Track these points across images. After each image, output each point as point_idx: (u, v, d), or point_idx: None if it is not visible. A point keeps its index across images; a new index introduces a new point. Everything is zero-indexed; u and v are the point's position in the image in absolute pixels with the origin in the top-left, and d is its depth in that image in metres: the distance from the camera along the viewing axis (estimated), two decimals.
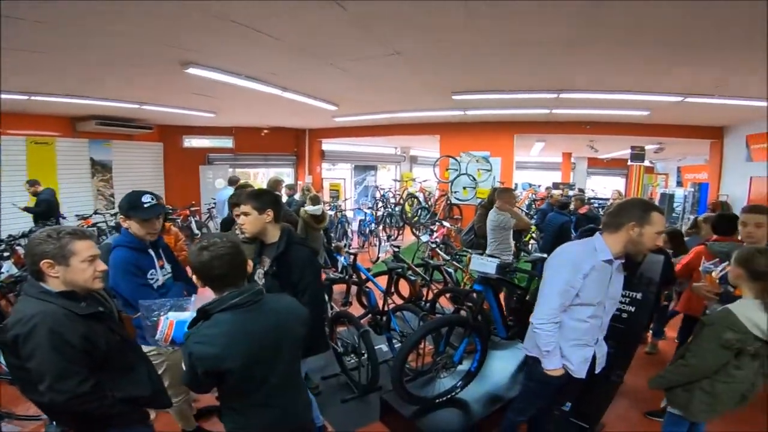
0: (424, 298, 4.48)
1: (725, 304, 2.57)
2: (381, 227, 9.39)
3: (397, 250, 4.76)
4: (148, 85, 5.45)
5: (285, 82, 5.31)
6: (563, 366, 2.05)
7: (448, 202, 9.09)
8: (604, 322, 2.09)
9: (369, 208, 9.71)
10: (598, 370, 2.17)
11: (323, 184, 11.94)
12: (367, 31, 3.36)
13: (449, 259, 5.11)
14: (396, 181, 12.79)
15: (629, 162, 11.11)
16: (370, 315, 4.02)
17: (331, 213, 8.21)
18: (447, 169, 9.07)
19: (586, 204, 8.36)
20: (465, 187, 8.88)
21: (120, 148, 8.89)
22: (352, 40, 3.60)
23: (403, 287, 4.86)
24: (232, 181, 6.77)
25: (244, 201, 2.14)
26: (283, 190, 6.55)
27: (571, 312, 2.00)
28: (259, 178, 13.42)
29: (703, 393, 1.99)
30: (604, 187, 15.43)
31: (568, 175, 15.99)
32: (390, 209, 10.00)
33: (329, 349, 2.74)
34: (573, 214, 7.64)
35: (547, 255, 2.33)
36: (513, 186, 9.45)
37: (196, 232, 8.70)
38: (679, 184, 11.54)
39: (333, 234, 7.82)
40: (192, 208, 8.99)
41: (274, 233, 2.17)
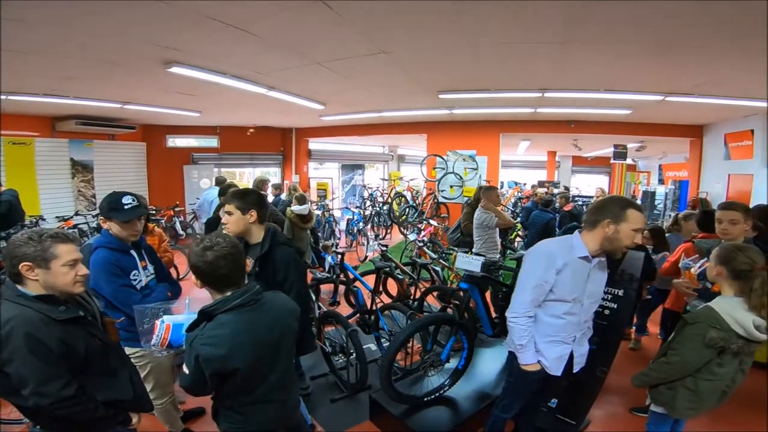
0: (412, 297, 4.49)
1: (703, 300, 2.64)
2: (369, 226, 9.39)
3: (384, 249, 4.76)
4: (130, 85, 5.34)
5: (271, 81, 5.26)
6: (539, 362, 2.06)
7: (436, 200, 9.13)
8: (582, 319, 2.07)
9: (357, 207, 9.70)
10: (576, 369, 2.16)
11: (310, 184, 11.88)
12: (353, 30, 3.35)
13: (436, 257, 5.14)
14: (384, 180, 12.79)
15: (612, 160, 11.30)
16: (358, 314, 4.01)
17: (319, 212, 8.18)
18: (434, 168, 9.12)
19: (571, 202, 8.51)
20: (452, 186, 8.93)
21: (102, 148, 8.71)
22: (339, 39, 3.59)
23: (391, 286, 4.87)
24: (218, 181, 6.70)
25: (228, 200, 2.14)
26: (270, 190, 6.52)
27: (546, 308, 2.02)
28: (245, 177, 13.29)
29: (688, 391, 1.99)
30: (588, 185, 15.67)
31: (553, 173, 16.22)
32: (378, 208, 10.01)
33: (316, 349, 2.74)
34: (558, 212, 7.78)
35: None
36: (499, 184, 9.57)
37: (181, 233, 8.60)
38: (661, 181, 11.77)
39: (320, 233, 7.80)
40: (176, 209, 8.86)
41: (258, 234, 2.16)
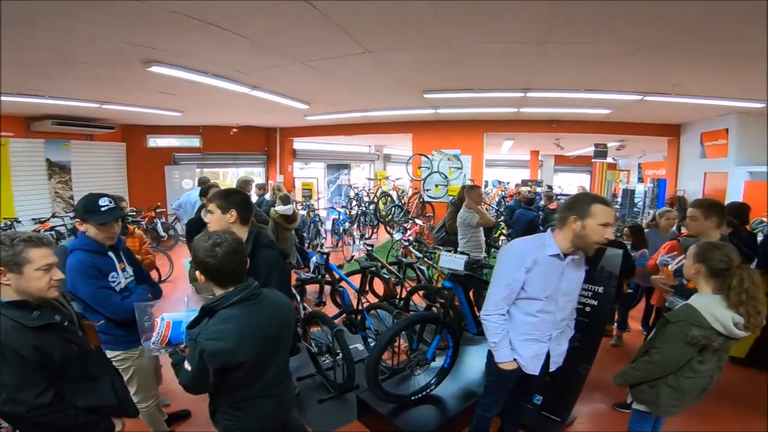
0: (398, 296, 4.50)
1: (679, 296, 2.70)
2: (355, 226, 9.38)
3: (370, 248, 4.76)
4: (108, 84, 5.23)
5: (254, 81, 5.21)
6: (515, 360, 2.06)
7: (421, 200, 9.17)
8: (558, 318, 2.05)
9: (342, 207, 9.67)
10: (552, 368, 2.15)
11: (295, 184, 11.80)
12: (337, 29, 3.34)
13: (421, 256, 5.16)
14: (370, 179, 12.79)
15: (593, 159, 11.53)
16: (344, 314, 4.01)
17: (304, 213, 8.13)
18: (419, 168, 9.15)
19: (555, 200, 8.65)
20: (437, 185, 8.99)
21: (79, 149, 8.49)
22: (323, 38, 3.57)
23: (378, 286, 4.88)
24: (201, 182, 6.58)
25: (210, 199, 2.13)
26: (254, 190, 6.44)
27: (519, 305, 2.03)
28: (228, 178, 13.13)
29: (670, 388, 2.00)
30: (570, 184, 15.95)
31: (536, 172, 16.46)
32: (364, 208, 10.00)
33: (299, 352, 2.73)
34: (542, 210, 7.90)
35: None
36: (483, 183, 9.64)
37: (163, 234, 8.44)
38: (640, 180, 12.04)
39: (306, 234, 7.75)
40: (157, 210, 8.70)
41: (240, 235, 2.13)
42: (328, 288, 4.61)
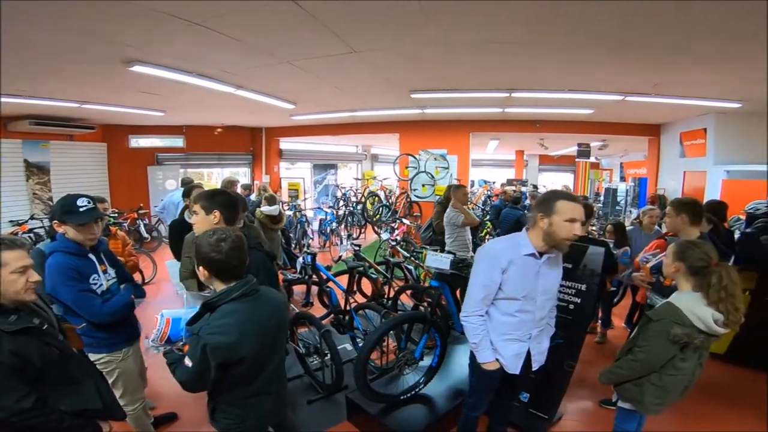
0: (386, 296, 4.51)
1: (656, 293, 2.77)
2: (342, 226, 9.35)
3: (357, 248, 4.76)
4: (88, 84, 5.12)
5: (239, 80, 5.15)
6: (497, 360, 2.07)
7: (408, 199, 9.20)
8: (537, 317, 2.05)
9: (330, 207, 9.64)
10: (535, 367, 2.15)
11: (282, 184, 11.71)
12: (324, 29, 3.32)
13: (408, 256, 5.18)
14: (357, 179, 12.77)
15: (577, 158, 11.71)
16: (332, 315, 4.00)
17: (290, 213, 8.08)
18: (406, 167, 9.18)
19: None
20: (424, 185, 9.02)
21: (59, 149, 8.27)
22: (309, 38, 3.55)
23: (366, 286, 4.88)
24: (184, 182, 6.49)
25: (195, 200, 2.11)
26: (239, 191, 6.38)
27: (498, 306, 2.03)
28: (213, 178, 12.97)
29: (654, 386, 2.01)
30: (554, 183, 16.16)
31: (521, 171, 16.66)
32: (351, 208, 9.98)
33: (288, 353, 2.71)
34: (528, 209, 7.99)
35: None
36: (469, 183, 9.73)
37: (146, 236, 8.29)
38: (622, 179, 12.28)
39: (292, 234, 7.70)
40: (140, 211, 8.54)
41: None
42: (315, 288, 4.59)
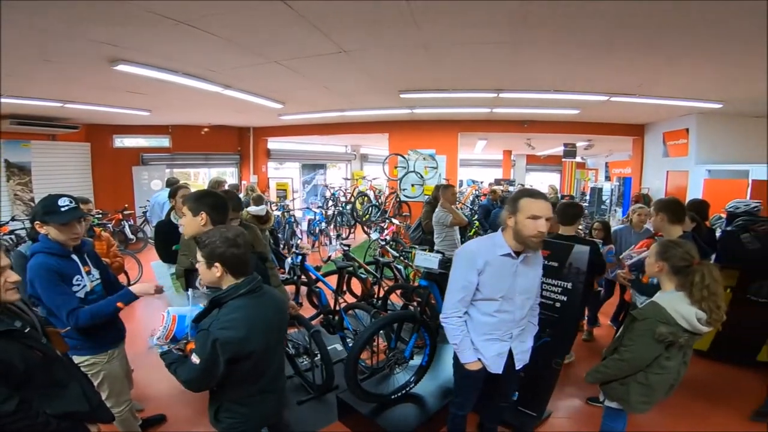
0: (376, 296, 4.51)
1: (635, 290, 2.82)
2: (332, 226, 9.32)
3: (346, 248, 4.75)
4: (71, 83, 5.03)
5: (226, 80, 5.10)
6: (480, 360, 2.07)
7: (398, 199, 9.22)
8: (517, 317, 2.05)
9: (318, 207, 9.60)
10: (518, 366, 2.15)
11: (270, 184, 11.62)
12: (312, 28, 3.31)
13: (398, 255, 5.19)
14: (346, 179, 12.75)
15: (563, 158, 11.87)
16: (321, 315, 3.98)
17: (278, 213, 8.03)
18: (396, 167, 9.19)
19: None
20: (413, 185, 9.05)
21: (41, 149, 8.09)
22: (298, 37, 3.54)
23: (356, 286, 4.87)
24: (169, 183, 6.38)
25: (184, 201, 2.09)
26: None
27: (478, 306, 2.04)
28: (200, 178, 12.83)
29: (640, 385, 2.03)
30: (541, 183, 16.35)
31: (509, 171, 16.82)
32: (341, 208, 9.96)
33: None
34: None
35: None
36: (458, 183, 9.78)
37: (131, 237, 8.17)
38: (607, 178, 12.47)
39: (281, 235, 7.66)
40: (125, 212, 8.41)
41: None
42: (304, 289, 4.57)
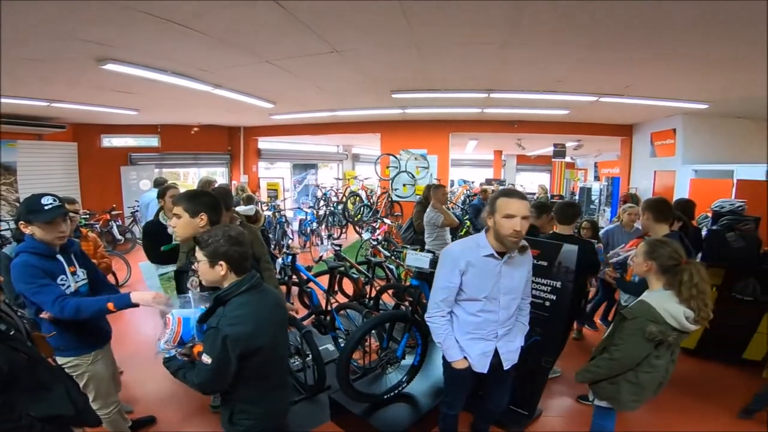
0: (368, 296, 4.51)
1: (620, 288, 2.86)
2: (323, 226, 9.30)
3: (338, 248, 4.74)
4: (58, 82, 4.94)
5: (217, 79, 5.06)
6: (465, 359, 2.08)
7: (389, 199, 9.22)
8: (502, 317, 2.06)
9: (310, 207, 9.57)
10: (506, 366, 2.14)
11: (260, 184, 11.55)
12: (304, 28, 3.30)
13: (389, 255, 5.20)
14: (338, 179, 12.73)
15: (553, 158, 11.97)
16: (313, 315, 3.97)
17: (269, 213, 7.99)
18: (388, 167, 9.20)
19: None
20: (405, 184, 9.08)
21: (27, 149, 7.96)
22: (290, 37, 3.52)
23: (348, 286, 4.86)
24: (157, 183, 6.27)
25: (176, 202, 2.01)
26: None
27: (463, 305, 2.06)
28: (189, 178, 12.71)
29: (630, 384, 2.04)
30: (532, 183, 16.48)
31: (500, 171, 16.93)
32: (332, 208, 9.94)
33: None
34: None
35: None
36: (449, 183, 9.81)
37: (119, 237, 8.05)
38: (596, 178, 12.59)
39: (272, 235, 7.61)
40: (113, 212, 8.30)
41: None
42: (295, 289, 4.56)
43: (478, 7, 2.89)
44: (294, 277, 4.17)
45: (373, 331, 3.07)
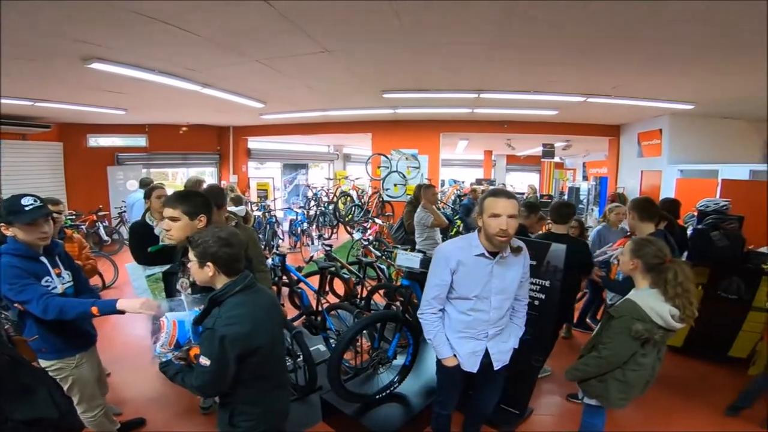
0: (359, 296, 4.50)
1: (606, 286, 2.89)
2: (314, 227, 9.27)
3: (328, 249, 4.72)
4: (43, 81, 4.86)
5: (206, 79, 5.01)
6: (455, 357, 2.09)
7: (381, 199, 9.23)
8: (493, 317, 2.05)
9: (300, 208, 9.53)
10: (497, 366, 2.14)
11: (250, 184, 11.47)
12: (295, 28, 3.29)
13: (380, 255, 5.19)
14: (329, 179, 12.69)
15: (542, 158, 12.07)
16: (303, 316, 3.95)
17: (259, 214, 7.93)
18: (379, 167, 9.20)
19: None
20: (396, 184, 9.09)
21: (10, 149, 7.79)
22: (280, 37, 3.51)
23: (339, 286, 4.85)
24: (143, 183, 6.14)
25: (171, 204, 1.93)
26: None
27: (454, 304, 2.07)
28: (178, 178, 12.58)
29: (618, 382, 2.06)
30: (522, 182, 16.61)
31: (490, 171, 17.03)
32: (323, 208, 9.91)
33: None
34: None
35: None
36: (440, 183, 9.84)
37: (106, 238, 7.93)
38: (585, 178, 12.76)
39: (262, 235, 7.56)
40: (99, 213, 8.17)
41: None
42: (285, 290, 4.54)
43: (472, 6, 2.90)
44: (284, 277, 4.15)
45: (364, 332, 3.06)
